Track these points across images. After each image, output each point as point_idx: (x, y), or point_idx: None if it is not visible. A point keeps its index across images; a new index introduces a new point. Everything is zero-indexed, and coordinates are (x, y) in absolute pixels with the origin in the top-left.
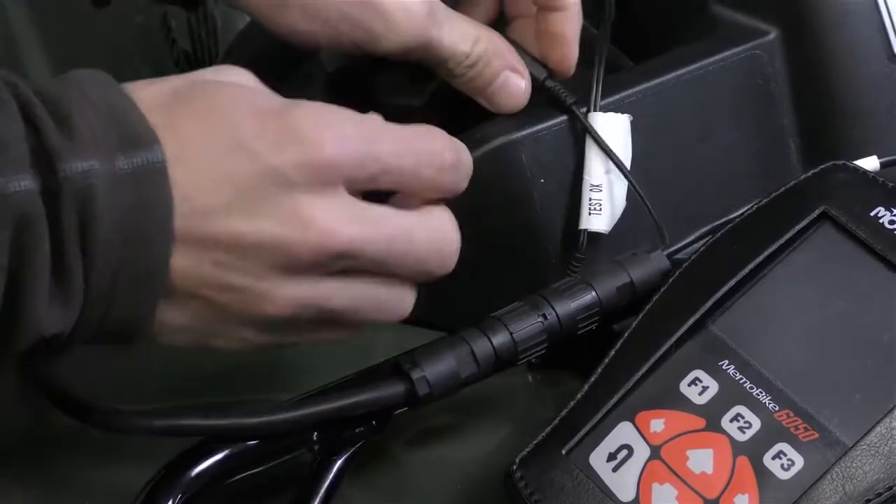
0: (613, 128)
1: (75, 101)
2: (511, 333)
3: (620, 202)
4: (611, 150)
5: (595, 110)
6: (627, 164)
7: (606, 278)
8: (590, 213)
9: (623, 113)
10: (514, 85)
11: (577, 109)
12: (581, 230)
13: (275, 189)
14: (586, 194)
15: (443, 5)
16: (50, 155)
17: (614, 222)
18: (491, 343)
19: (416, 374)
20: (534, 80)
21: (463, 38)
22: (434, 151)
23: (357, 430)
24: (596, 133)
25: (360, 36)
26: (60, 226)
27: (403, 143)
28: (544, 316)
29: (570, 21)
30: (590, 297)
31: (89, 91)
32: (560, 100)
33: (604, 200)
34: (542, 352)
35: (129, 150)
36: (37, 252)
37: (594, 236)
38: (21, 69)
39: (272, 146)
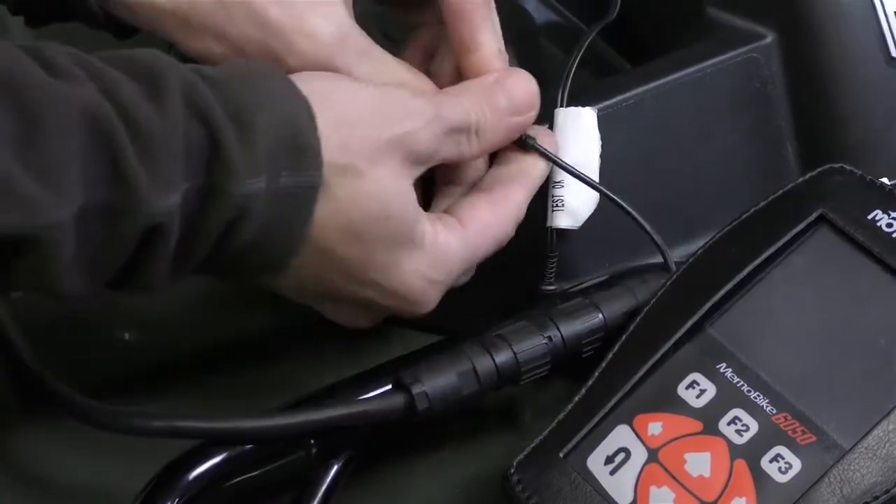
0: (578, 123)
1: (258, 113)
2: (515, 353)
3: (590, 199)
4: (556, 158)
5: (562, 105)
6: (596, 158)
7: (614, 302)
8: (553, 210)
9: (596, 108)
10: None
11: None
12: (548, 228)
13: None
14: (549, 191)
15: (367, 41)
16: (225, 170)
17: (584, 218)
18: (494, 361)
19: (416, 389)
20: None
21: (381, 76)
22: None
23: (355, 436)
24: (539, 145)
25: (265, 58)
26: (205, 231)
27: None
28: (549, 338)
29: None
30: (596, 320)
31: (272, 99)
32: None
33: (566, 197)
34: (545, 372)
35: (295, 172)
36: (161, 258)
37: (590, 236)
38: None
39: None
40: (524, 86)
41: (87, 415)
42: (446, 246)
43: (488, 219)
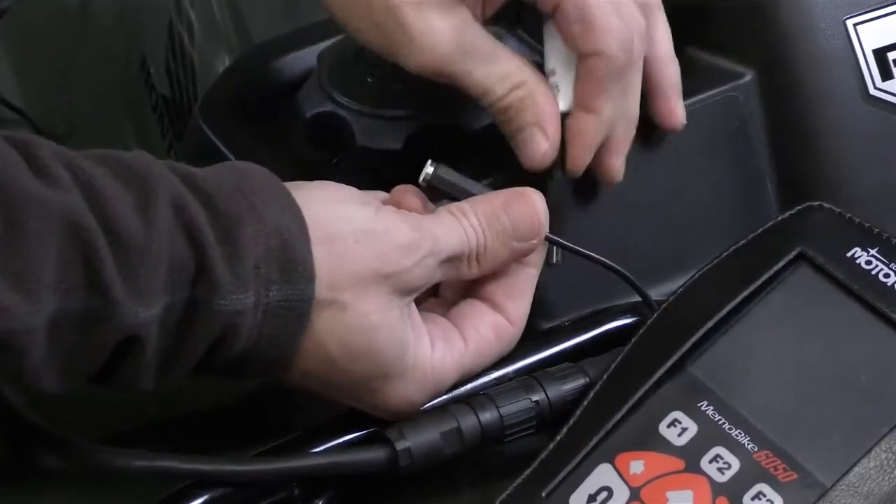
0: None
1: (245, 225)
2: (501, 416)
3: None
4: (568, 244)
5: None
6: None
7: (604, 369)
8: None
9: None
10: (534, 145)
11: None
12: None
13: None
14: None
15: (490, 41)
16: (210, 286)
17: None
18: (479, 422)
19: (400, 445)
20: None
21: (501, 80)
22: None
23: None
24: (551, 236)
25: (385, 49)
26: (192, 343)
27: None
28: (537, 402)
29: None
30: (583, 382)
31: (261, 210)
32: None
33: (560, 84)
34: (530, 433)
35: (286, 286)
36: (140, 366)
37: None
38: None
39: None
40: (530, 211)
41: (68, 453)
42: (441, 370)
43: (491, 340)
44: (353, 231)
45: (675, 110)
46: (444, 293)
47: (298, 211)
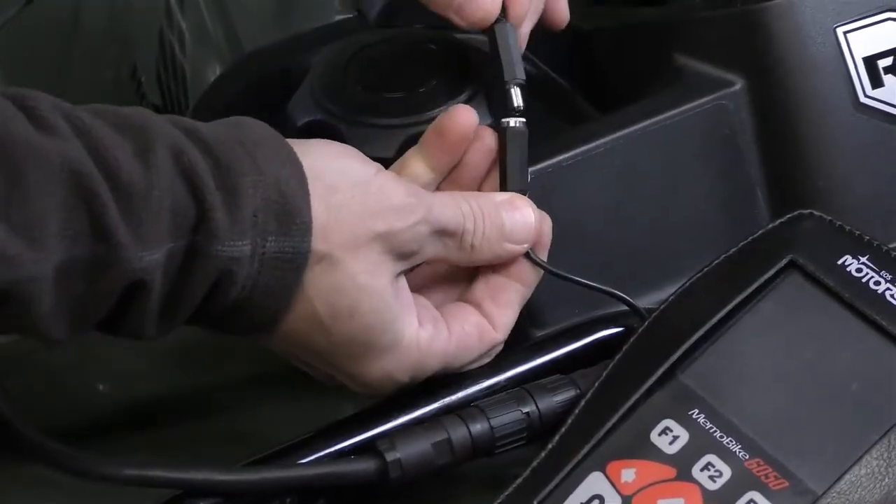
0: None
1: (245, 176)
2: (492, 428)
3: None
4: (554, 270)
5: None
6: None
7: (593, 380)
8: None
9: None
10: None
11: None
12: None
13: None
14: None
15: None
16: (209, 233)
17: None
18: (470, 434)
19: (390, 456)
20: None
21: None
22: None
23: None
24: (539, 259)
25: None
26: (191, 289)
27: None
28: (528, 414)
29: None
30: (574, 394)
31: (262, 163)
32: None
33: None
34: (521, 445)
35: (281, 238)
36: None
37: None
38: None
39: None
40: (528, 218)
41: (57, 460)
42: (427, 351)
43: (474, 339)
44: (351, 185)
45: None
46: (435, 292)
47: (299, 165)
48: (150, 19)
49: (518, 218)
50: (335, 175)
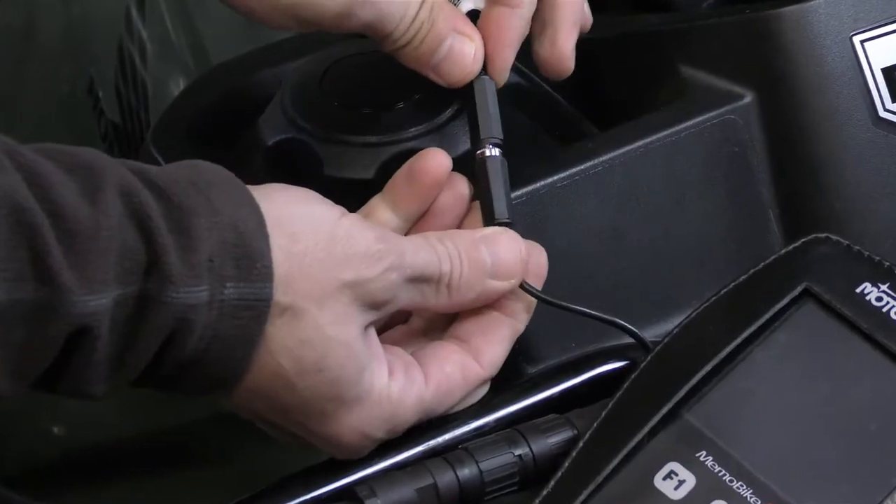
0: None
1: (199, 217)
2: (481, 472)
3: None
4: (556, 301)
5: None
6: None
7: (593, 420)
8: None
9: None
10: (460, 51)
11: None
12: None
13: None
14: None
15: None
16: (162, 278)
17: None
18: (457, 478)
19: (370, 503)
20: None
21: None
22: None
23: None
24: (538, 292)
25: (297, 7)
26: (145, 340)
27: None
28: (520, 457)
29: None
30: (570, 435)
31: (217, 203)
32: None
33: None
34: (513, 490)
35: (241, 283)
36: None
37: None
38: None
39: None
40: (512, 251)
41: None
42: (399, 403)
43: (457, 380)
44: (314, 232)
45: (563, 48)
46: (415, 337)
47: (257, 207)
48: (109, 29)
49: (501, 252)
50: (296, 221)
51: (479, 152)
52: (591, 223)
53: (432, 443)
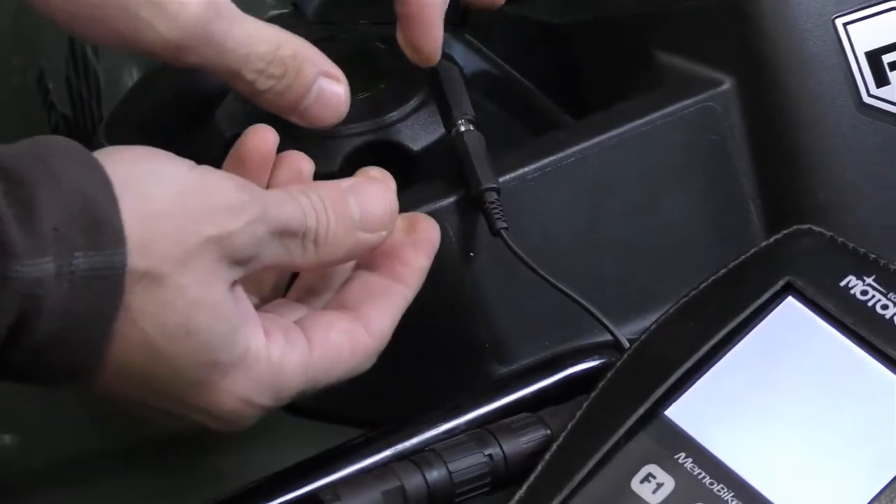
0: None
1: (40, 187)
2: (450, 473)
3: None
4: (530, 262)
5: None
6: None
7: (567, 419)
8: None
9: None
10: (331, 93)
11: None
12: None
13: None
14: None
15: (233, 6)
16: (3, 253)
17: None
18: (426, 481)
19: None
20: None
21: (260, 39)
22: None
23: None
24: (522, 255)
25: (124, 25)
26: None
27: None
28: (490, 457)
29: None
30: (543, 434)
31: (59, 171)
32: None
33: None
34: (485, 492)
35: (91, 252)
36: None
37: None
38: None
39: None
40: (381, 201)
41: None
42: (280, 366)
43: (342, 347)
44: (167, 189)
45: (430, 35)
46: (293, 303)
47: (102, 171)
48: None
49: (369, 203)
50: (146, 180)
51: (454, 129)
52: (564, 217)
53: (400, 446)
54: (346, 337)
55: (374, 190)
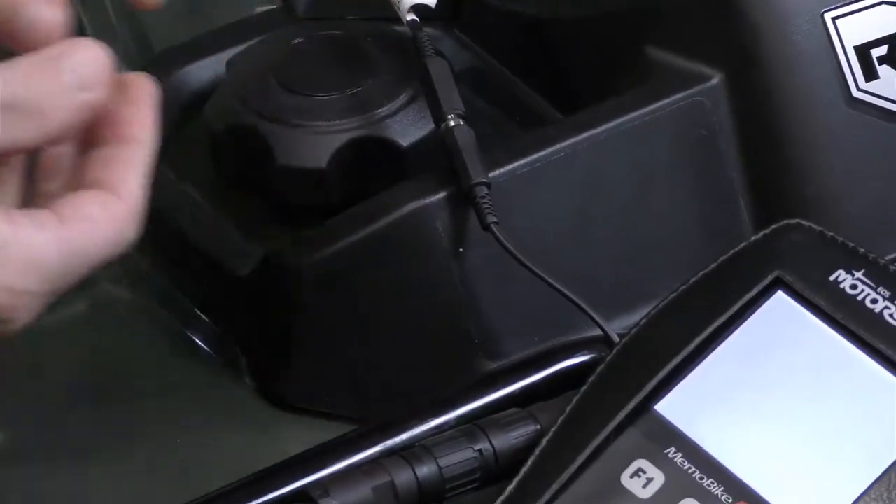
0: None
1: None
2: (441, 468)
3: None
4: (514, 251)
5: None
6: None
7: (556, 414)
8: None
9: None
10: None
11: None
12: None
13: None
14: None
15: None
16: None
17: None
18: (416, 476)
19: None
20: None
21: None
22: None
23: None
24: (502, 239)
25: None
26: None
27: None
28: (480, 452)
29: None
30: (533, 429)
31: None
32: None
33: None
34: (475, 487)
35: None
36: None
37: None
38: None
39: None
40: (93, 55)
41: None
42: (30, 246)
43: (96, 215)
44: None
45: None
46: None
47: None
48: None
49: (79, 63)
50: None
51: (443, 124)
52: (553, 212)
53: (390, 442)
54: (97, 206)
55: (84, 46)
